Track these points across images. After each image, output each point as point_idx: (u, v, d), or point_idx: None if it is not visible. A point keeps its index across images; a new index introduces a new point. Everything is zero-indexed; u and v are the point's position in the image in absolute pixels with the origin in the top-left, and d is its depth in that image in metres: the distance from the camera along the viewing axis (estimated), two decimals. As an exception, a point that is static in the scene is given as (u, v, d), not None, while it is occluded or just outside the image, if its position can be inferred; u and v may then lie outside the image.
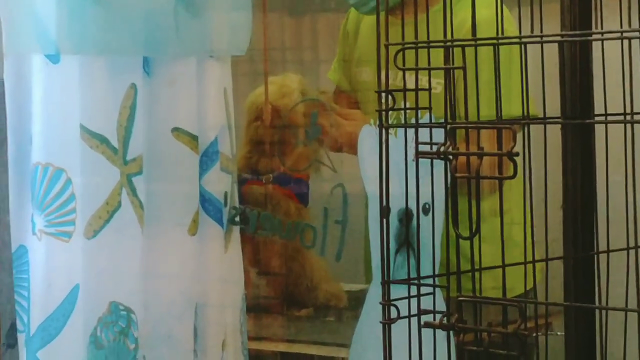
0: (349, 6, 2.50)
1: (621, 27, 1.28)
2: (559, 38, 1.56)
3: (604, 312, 1.46)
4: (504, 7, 1.56)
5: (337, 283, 2.46)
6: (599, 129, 1.45)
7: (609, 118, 1.42)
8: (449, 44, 1.39)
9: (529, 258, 1.55)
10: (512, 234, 1.56)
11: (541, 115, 1.48)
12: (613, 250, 1.50)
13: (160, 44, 1.44)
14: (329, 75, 2.62)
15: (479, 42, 1.37)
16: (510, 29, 1.66)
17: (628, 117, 1.30)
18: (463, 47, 1.37)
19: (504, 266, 1.45)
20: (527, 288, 1.60)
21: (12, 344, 1.43)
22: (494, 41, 1.40)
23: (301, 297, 2.43)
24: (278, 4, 2.70)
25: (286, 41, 2.88)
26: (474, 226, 1.38)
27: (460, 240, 1.42)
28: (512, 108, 1.53)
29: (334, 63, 2.60)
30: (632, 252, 1.36)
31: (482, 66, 1.40)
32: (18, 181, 1.40)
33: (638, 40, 1.20)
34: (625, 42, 1.23)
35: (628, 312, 1.27)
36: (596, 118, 1.57)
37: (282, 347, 2.36)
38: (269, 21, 2.48)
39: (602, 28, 1.50)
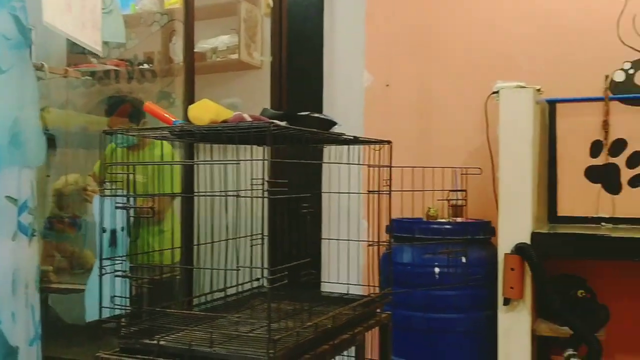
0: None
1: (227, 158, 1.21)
2: (188, 162, 1.55)
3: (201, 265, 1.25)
4: (172, 147, 1.63)
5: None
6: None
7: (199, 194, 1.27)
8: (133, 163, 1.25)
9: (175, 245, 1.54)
10: (168, 238, 1.58)
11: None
12: (205, 243, 1.26)
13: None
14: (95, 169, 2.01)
15: (155, 161, 1.39)
16: (169, 153, 1.64)
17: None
18: (144, 164, 1.42)
19: (161, 250, 1.34)
20: (174, 261, 1.51)
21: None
22: (160, 162, 1.42)
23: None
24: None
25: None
26: (134, 237, 1.32)
27: (138, 239, 1.37)
28: (167, 189, 1.48)
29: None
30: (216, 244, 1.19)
31: (157, 172, 1.30)
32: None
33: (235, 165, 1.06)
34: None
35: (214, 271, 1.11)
36: (195, 193, 1.44)
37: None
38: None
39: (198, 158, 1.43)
